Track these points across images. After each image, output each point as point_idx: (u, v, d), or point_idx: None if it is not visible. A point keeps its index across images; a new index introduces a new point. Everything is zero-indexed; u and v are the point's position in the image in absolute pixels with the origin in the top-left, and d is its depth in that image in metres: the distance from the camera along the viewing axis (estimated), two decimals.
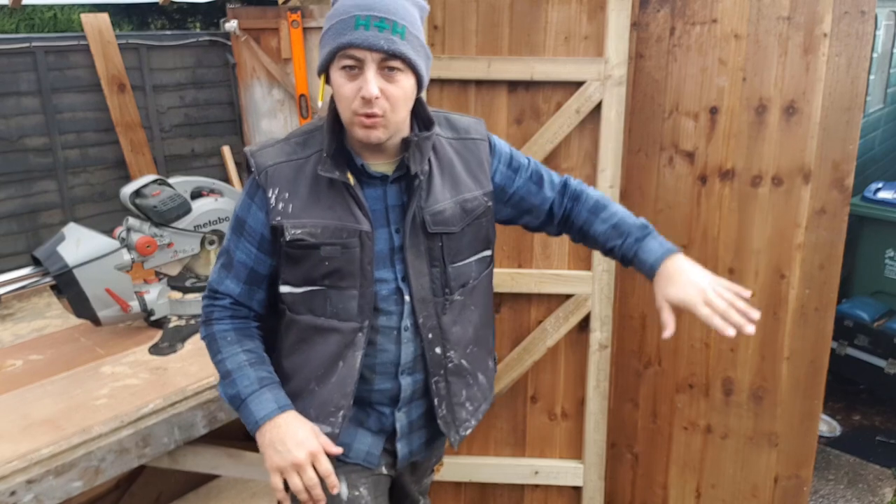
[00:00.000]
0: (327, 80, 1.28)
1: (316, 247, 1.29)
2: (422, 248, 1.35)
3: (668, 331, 1.31)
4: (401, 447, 1.48)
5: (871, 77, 4.00)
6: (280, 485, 1.27)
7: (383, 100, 1.21)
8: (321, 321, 1.34)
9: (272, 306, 1.45)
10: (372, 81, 1.19)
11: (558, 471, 2.29)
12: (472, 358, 1.49)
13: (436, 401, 1.44)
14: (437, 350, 1.41)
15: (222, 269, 1.41)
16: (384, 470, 1.52)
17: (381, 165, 1.34)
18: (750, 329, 1.27)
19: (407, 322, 1.37)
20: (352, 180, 1.30)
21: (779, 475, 2.26)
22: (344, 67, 1.21)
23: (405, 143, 1.32)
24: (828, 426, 3.37)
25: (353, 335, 1.34)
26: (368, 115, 1.21)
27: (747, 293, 1.32)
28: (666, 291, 1.33)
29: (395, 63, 1.21)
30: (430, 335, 1.39)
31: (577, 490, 2.31)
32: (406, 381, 1.41)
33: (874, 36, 2.56)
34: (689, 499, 2.35)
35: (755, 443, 2.25)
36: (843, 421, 3.44)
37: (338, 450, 1.31)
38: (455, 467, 2.28)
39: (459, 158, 1.41)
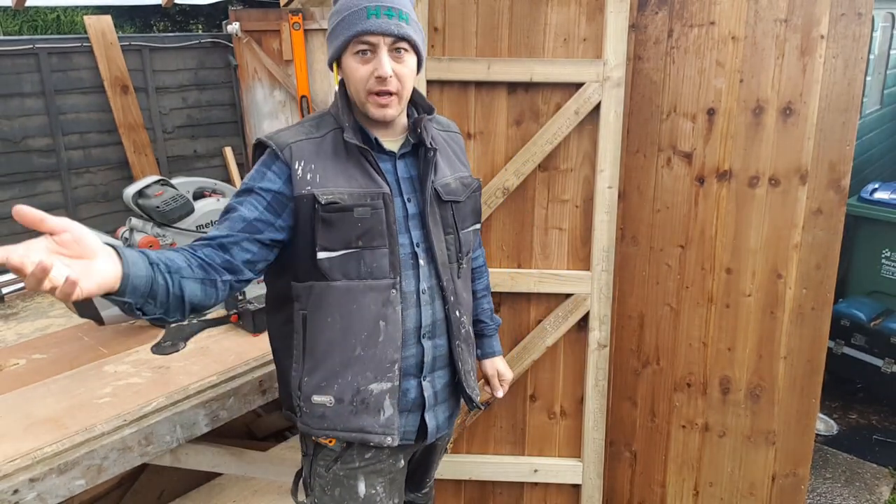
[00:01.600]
0: (338, 68, 1.43)
1: (350, 208, 1.38)
2: (437, 216, 1.49)
3: (501, 392, 1.81)
4: (429, 419, 1.54)
5: (868, 78, 4.01)
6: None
7: (394, 78, 1.38)
8: (355, 283, 1.41)
9: (281, 299, 1.49)
10: (386, 62, 1.35)
11: (557, 469, 2.30)
12: (471, 328, 1.66)
13: (458, 363, 1.54)
14: (457, 313, 1.53)
15: (216, 226, 1.40)
16: (402, 463, 1.58)
17: (389, 143, 1.48)
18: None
19: (424, 285, 1.48)
20: None
21: (776, 473, 2.27)
22: (358, 52, 1.36)
23: (411, 123, 1.50)
24: (825, 425, 3.38)
25: (387, 292, 1.43)
26: (382, 93, 1.38)
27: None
28: (499, 366, 1.82)
29: (403, 45, 1.38)
30: (451, 297, 1.51)
31: (576, 488, 2.32)
32: (428, 345, 1.50)
33: (871, 38, 2.58)
34: (688, 497, 2.37)
35: (753, 441, 2.26)
36: (840, 420, 3.45)
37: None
38: (455, 465, 2.30)
39: (448, 146, 1.60)
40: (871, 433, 3.35)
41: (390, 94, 1.38)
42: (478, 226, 1.65)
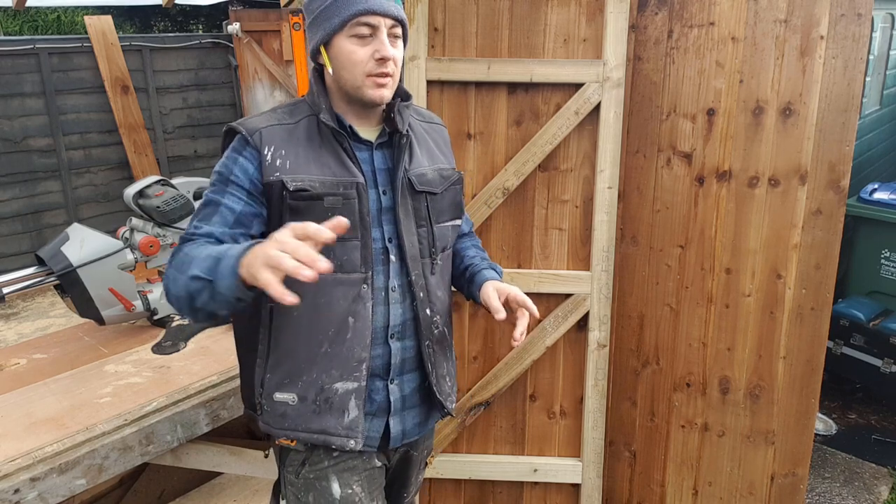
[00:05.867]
0: (325, 51, 1.37)
1: (319, 197, 1.33)
2: (409, 207, 1.43)
3: (502, 314, 1.41)
4: (394, 424, 1.46)
5: (868, 79, 4.02)
6: (275, 284, 1.08)
7: (392, 62, 1.34)
8: (325, 276, 1.29)
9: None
10: (388, 43, 1.33)
11: (557, 468, 2.31)
12: (449, 329, 1.56)
13: (429, 366, 1.46)
14: (427, 311, 1.45)
15: (201, 219, 1.34)
16: (377, 462, 1.50)
17: (365, 132, 1.42)
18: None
19: (394, 282, 1.41)
20: None
21: (775, 473, 2.28)
22: (356, 35, 1.32)
23: (386, 110, 1.44)
24: (824, 425, 3.39)
25: (358, 287, 1.37)
26: (383, 75, 1.34)
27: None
28: (498, 285, 1.48)
29: (398, 30, 1.36)
30: (421, 294, 1.44)
31: (575, 487, 2.33)
32: (396, 346, 1.43)
33: (870, 38, 2.58)
34: (687, 496, 2.37)
35: (752, 441, 2.27)
36: (840, 419, 3.46)
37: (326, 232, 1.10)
38: (455, 465, 2.30)
39: (429, 137, 1.55)
40: (870, 433, 3.35)
41: (387, 75, 1.34)
42: (458, 222, 1.56)
